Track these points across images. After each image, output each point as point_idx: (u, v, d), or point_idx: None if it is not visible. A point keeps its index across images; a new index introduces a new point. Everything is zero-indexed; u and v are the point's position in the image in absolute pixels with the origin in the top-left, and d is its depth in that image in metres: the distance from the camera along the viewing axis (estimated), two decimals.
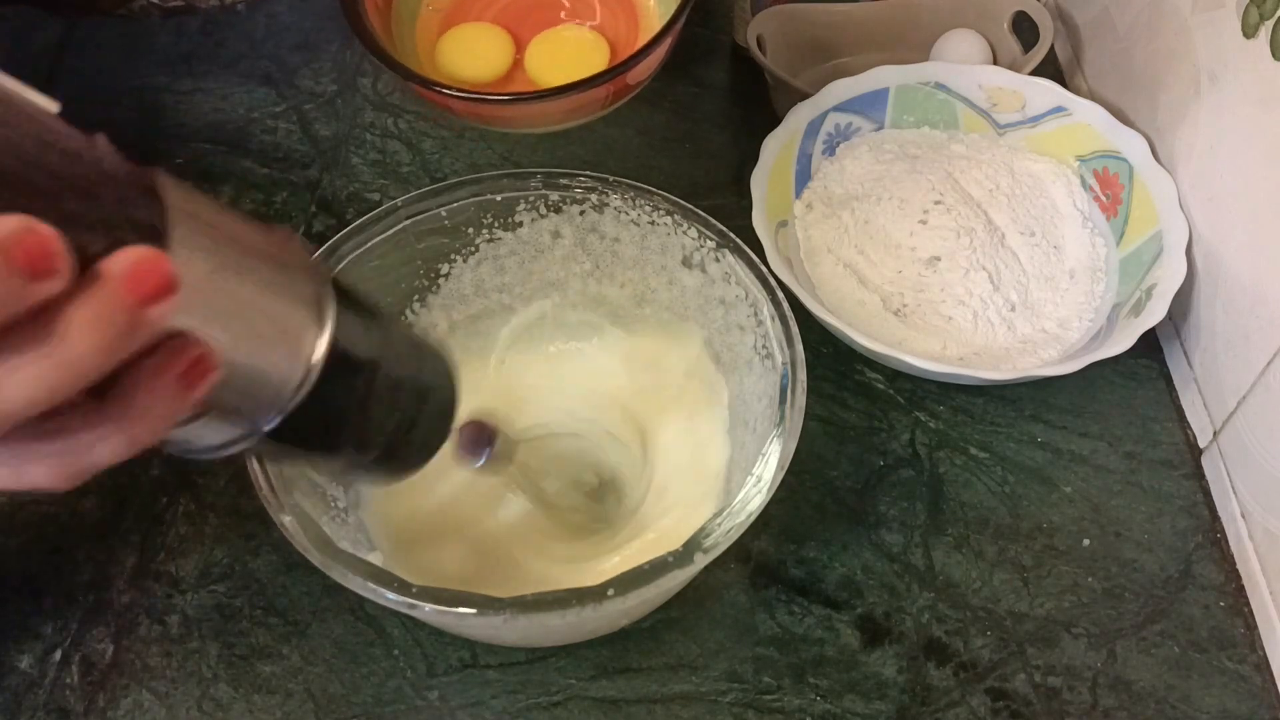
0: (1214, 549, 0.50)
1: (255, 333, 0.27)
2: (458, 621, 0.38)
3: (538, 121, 0.58)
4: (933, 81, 0.62)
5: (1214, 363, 0.53)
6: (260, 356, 0.27)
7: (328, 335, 0.29)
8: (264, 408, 0.28)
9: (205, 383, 0.25)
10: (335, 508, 0.44)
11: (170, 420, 0.25)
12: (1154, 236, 0.55)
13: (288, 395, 0.28)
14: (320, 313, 0.29)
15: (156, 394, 0.24)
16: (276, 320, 0.28)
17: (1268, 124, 0.49)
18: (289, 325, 0.28)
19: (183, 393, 0.24)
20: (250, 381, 0.27)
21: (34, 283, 0.21)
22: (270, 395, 0.28)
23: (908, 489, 0.52)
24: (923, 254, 0.56)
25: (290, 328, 0.28)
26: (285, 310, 0.28)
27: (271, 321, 0.28)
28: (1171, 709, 0.46)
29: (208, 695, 0.46)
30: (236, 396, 0.27)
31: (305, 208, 0.64)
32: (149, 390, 0.24)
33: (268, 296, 0.27)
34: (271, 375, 0.28)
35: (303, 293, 0.29)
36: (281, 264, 0.28)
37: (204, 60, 0.72)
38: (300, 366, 0.28)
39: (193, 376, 0.24)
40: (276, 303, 0.28)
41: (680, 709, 0.45)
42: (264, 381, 0.28)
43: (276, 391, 0.28)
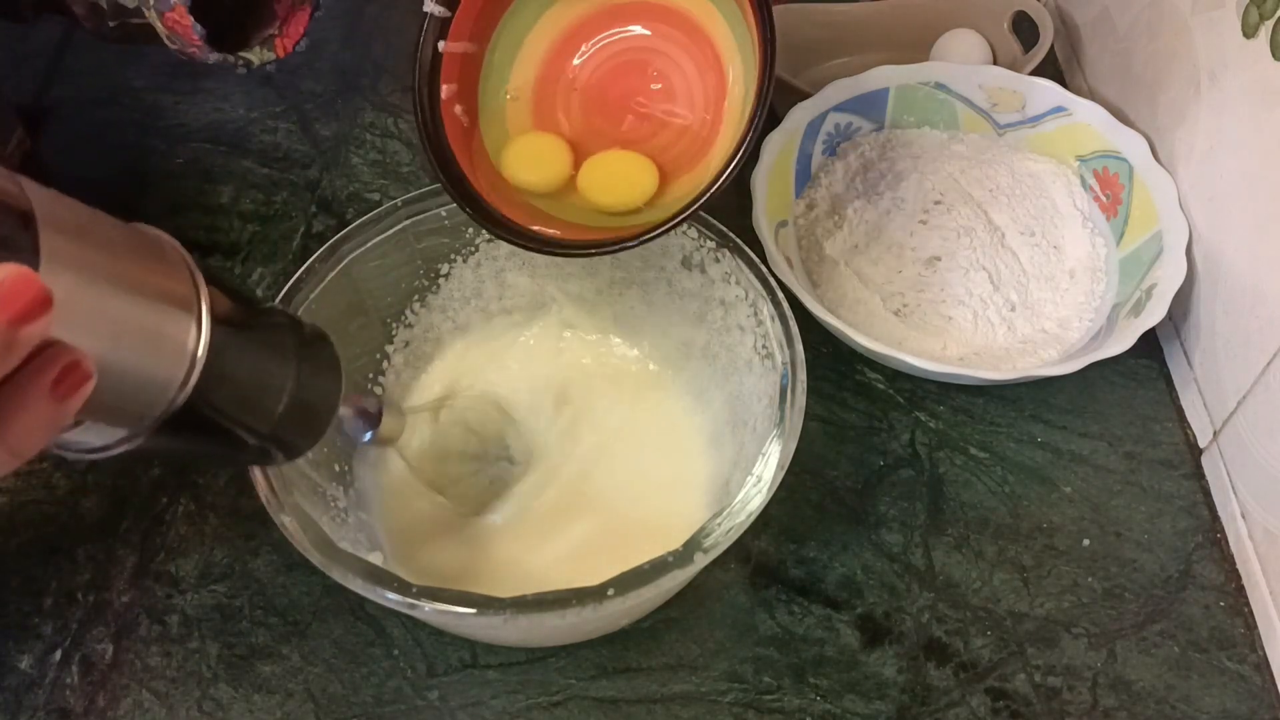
0: (1214, 549, 0.50)
1: (132, 338, 0.27)
2: (458, 621, 0.38)
3: None
4: (933, 81, 0.62)
5: (1214, 363, 0.53)
6: (137, 360, 0.27)
7: (205, 334, 0.29)
8: (145, 408, 0.28)
9: (80, 394, 0.25)
10: (335, 508, 0.44)
11: (49, 431, 0.25)
12: (1154, 236, 0.55)
13: (169, 396, 0.28)
14: (197, 312, 0.29)
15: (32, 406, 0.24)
16: (153, 324, 0.28)
17: (1268, 124, 0.49)
18: (165, 328, 0.28)
19: (59, 403, 0.24)
20: (130, 385, 0.27)
21: None
22: (152, 396, 0.28)
23: (908, 489, 0.52)
24: (923, 254, 0.56)
25: (167, 330, 0.28)
26: (160, 312, 0.28)
27: (148, 326, 0.27)
28: (1171, 709, 0.46)
29: (208, 695, 0.46)
30: (118, 400, 0.27)
31: (305, 208, 0.64)
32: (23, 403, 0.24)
33: (141, 300, 0.27)
34: (152, 378, 0.28)
35: (177, 292, 0.29)
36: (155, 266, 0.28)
37: None
38: (181, 367, 0.29)
39: (67, 387, 0.24)
40: (151, 306, 0.28)
41: (680, 709, 0.45)
42: (144, 384, 0.28)
43: (158, 392, 0.28)
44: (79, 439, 0.28)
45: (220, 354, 0.29)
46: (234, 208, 0.63)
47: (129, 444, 0.29)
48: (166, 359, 0.28)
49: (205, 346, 0.29)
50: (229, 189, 0.64)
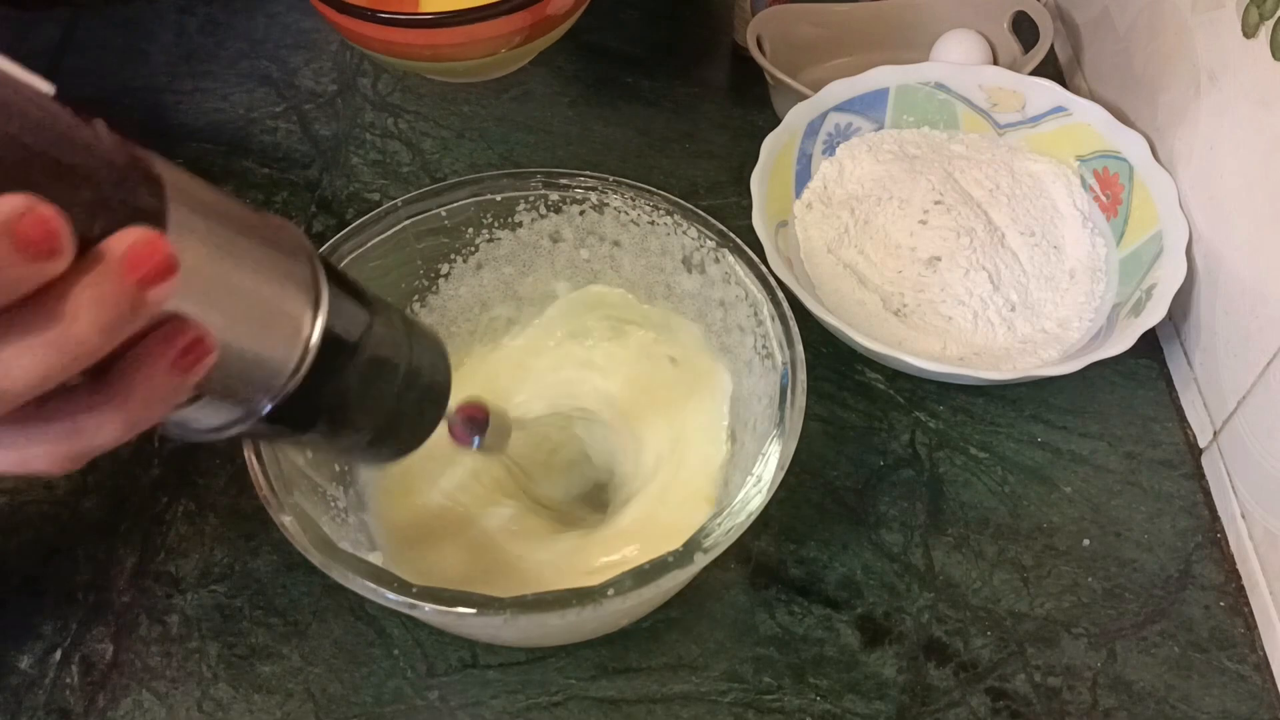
0: (1214, 549, 0.50)
1: (252, 316, 0.27)
2: (458, 621, 0.38)
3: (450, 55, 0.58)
4: (933, 81, 0.62)
5: (1214, 363, 0.53)
6: (257, 340, 0.27)
7: (323, 319, 0.29)
8: (260, 390, 0.28)
9: (202, 366, 0.25)
10: (335, 508, 0.44)
11: (169, 403, 0.25)
12: (1154, 236, 0.55)
13: (284, 378, 0.28)
14: (315, 296, 0.29)
15: (155, 377, 0.24)
16: (272, 304, 0.28)
17: (1268, 124, 0.49)
18: (285, 309, 0.28)
19: (180, 376, 0.24)
20: (247, 364, 0.27)
21: (36, 263, 0.21)
22: (267, 378, 0.28)
23: (908, 489, 0.52)
24: (923, 254, 0.56)
25: (286, 311, 0.28)
26: (281, 293, 0.28)
27: (267, 305, 0.28)
28: (1171, 709, 0.46)
29: (208, 695, 0.46)
30: (233, 379, 0.27)
31: (305, 208, 0.64)
32: (147, 373, 0.24)
33: (263, 280, 0.27)
34: (268, 358, 0.28)
35: (298, 276, 0.29)
36: (276, 247, 0.28)
37: (204, 60, 0.72)
38: (296, 350, 0.29)
39: (190, 360, 0.24)
40: (272, 286, 0.28)
41: (680, 709, 0.45)
42: (260, 364, 0.28)
43: (273, 374, 0.28)
44: (192, 418, 0.28)
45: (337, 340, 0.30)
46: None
47: (243, 425, 0.29)
48: (284, 341, 0.28)
49: (321, 330, 0.29)
50: (229, 189, 0.64)
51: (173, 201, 0.24)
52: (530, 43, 0.59)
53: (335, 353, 0.30)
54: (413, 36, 0.56)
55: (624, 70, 0.71)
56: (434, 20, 0.55)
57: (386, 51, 0.58)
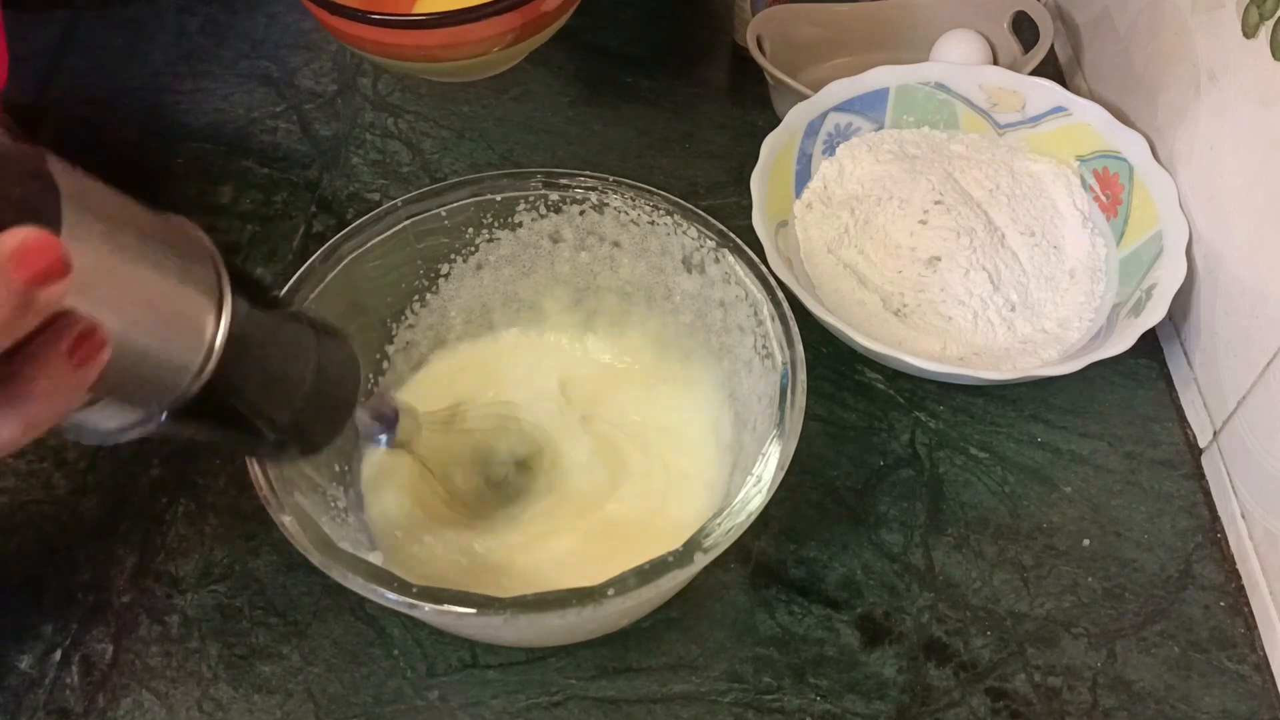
0: (1214, 549, 0.50)
1: (151, 318, 0.27)
2: (458, 621, 0.38)
3: (443, 55, 0.58)
4: (933, 81, 0.62)
5: (1214, 363, 0.53)
6: (157, 342, 0.27)
7: (225, 322, 0.29)
8: (163, 392, 0.28)
9: (97, 361, 0.25)
10: (335, 508, 0.44)
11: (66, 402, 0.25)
12: (1154, 237, 0.55)
13: (187, 380, 0.29)
14: (218, 299, 0.29)
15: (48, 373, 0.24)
16: (173, 306, 0.28)
17: (1268, 124, 0.49)
18: (186, 311, 0.28)
19: (75, 371, 0.24)
20: (147, 366, 0.27)
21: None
22: (168, 380, 0.28)
23: (908, 489, 0.52)
24: (923, 254, 0.56)
25: (187, 313, 0.28)
26: (182, 296, 0.28)
27: (168, 307, 0.28)
28: (1171, 709, 0.46)
29: (208, 695, 0.46)
30: (134, 381, 0.27)
31: (305, 208, 0.64)
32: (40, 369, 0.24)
33: (164, 282, 0.27)
34: (169, 360, 0.28)
35: (201, 279, 0.29)
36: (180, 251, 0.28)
37: (204, 60, 0.72)
38: (199, 352, 0.29)
39: (84, 354, 0.24)
40: (173, 288, 0.28)
41: (680, 709, 0.45)
42: (162, 366, 0.28)
43: (175, 377, 0.28)
44: (94, 420, 0.28)
45: (240, 342, 0.30)
46: (234, 208, 0.63)
47: (144, 427, 0.29)
48: (185, 342, 0.28)
49: (225, 332, 0.29)
50: (229, 189, 0.64)
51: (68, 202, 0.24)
52: (522, 42, 0.59)
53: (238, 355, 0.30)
54: (405, 37, 0.56)
55: (624, 70, 0.71)
56: (426, 21, 0.55)
57: (379, 53, 0.58)
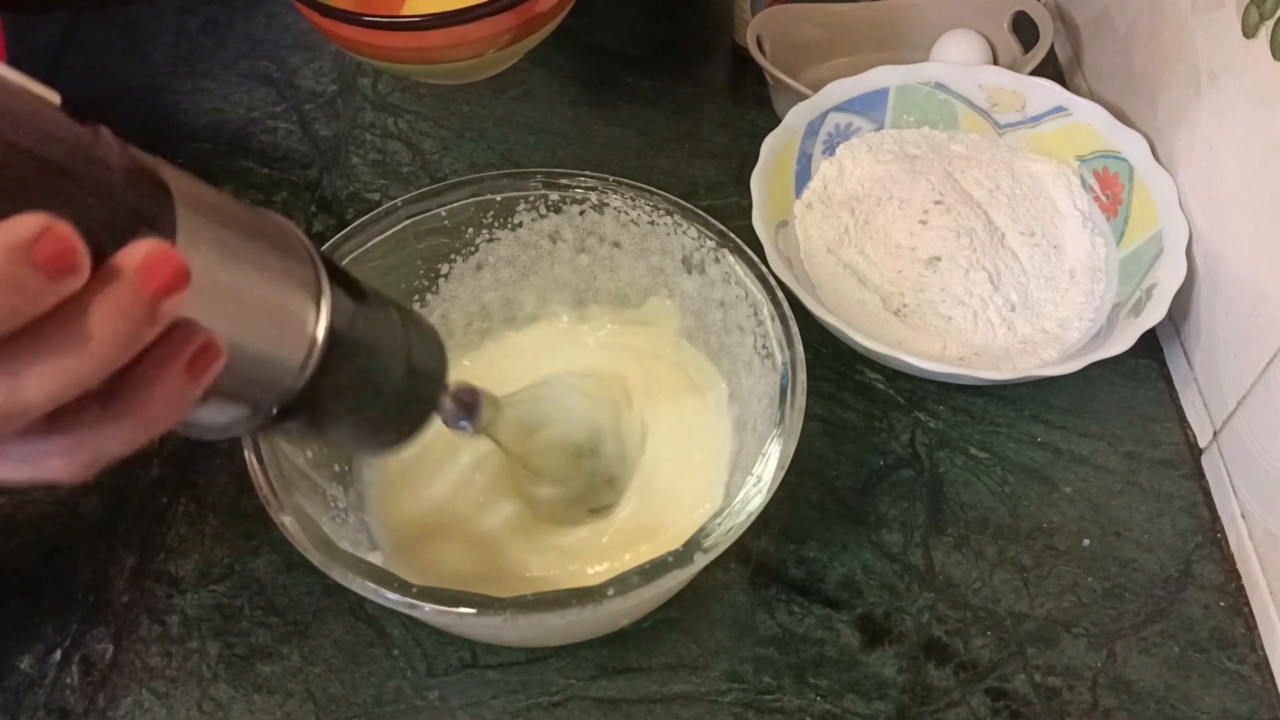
0: (1214, 549, 0.50)
1: (258, 318, 0.27)
2: (458, 621, 0.38)
3: (438, 57, 0.58)
4: (933, 81, 0.62)
5: (1214, 363, 0.53)
6: (264, 341, 0.28)
7: (325, 317, 0.29)
8: (268, 389, 0.29)
9: (211, 370, 0.25)
10: (335, 508, 0.44)
11: (181, 408, 0.25)
12: (1154, 236, 0.55)
13: (291, 376, 0.29)
14: (317, 294, 0.29)
15: (166, 384, 0.24)
16: (278, 304, 0.28)
17: (1268, 124, 0.49)
18: (290, 308, 0.29)
19: (191, 381, 0.25)
20: (254, 365, 0.28)
21: (54, 282, 0.21)
22: (274, 377, 0.29)
23: (908, 489, 0.52)
24: (923, 254, 0.56)
25: (291, 311, 0.29)
26: (285, 293, 0.28)
27: (273, 306, 0.28)
28: (1171, 709, 0.46)
29: (208, 695, 0.46)
30: (241, 380, 0.28)
31: (305, 208, 0.64)
32: (159, 379, 0.24)
33: (268, 281, 0.28)
34: (275, 358, 0.28)
35: (300, 275, 0.29)
36: (278, 247, 0.29)
37: (204, 60, 0.72)
38: (302, 348, 0.29)
39: (200, 365, 0.25)
40: (277, 287, 0.28)
41: (680, 709, 0.45)
42: (268, 364, 0.28)
43: (280, 373, 0.29)
44: (202, 417, 0.29)
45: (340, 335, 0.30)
46: None
47: (251, 424, 0.29)
48: (290, 339, 0.29)
49: (326, 327, 0.29)
50: (229, 189, 0.64)
51: (181, 208, 0.25)
52: (518, 42, 0.59)
53: (338, 350, 0.30)
54: (399, 39, 0.56)
55: (624, 70, 0.71)
56: (420, 23, 0.55)
57: (374, 55, 0.58)
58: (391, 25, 0.56)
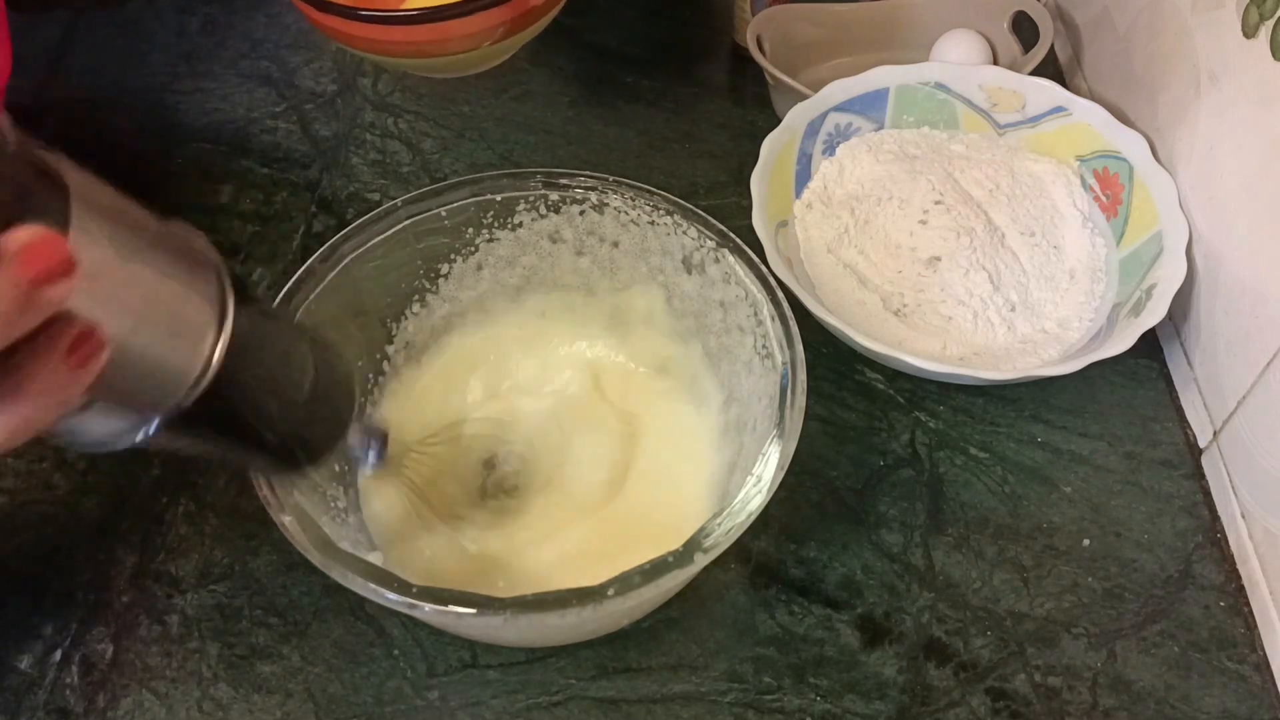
0: (1214, 549, 0.50)
1: (152, 323, 0.27)
2: (458, 621, 0.38)
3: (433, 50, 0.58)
4: (933, 81, 0.62)
5: (1214, 363, 0.53)
6: (156, 347, 0.27)
7: (227, 333, 0.29)
8: (158, 400, 0.28)
9: (95, 362, 0.25)
10: (335, 508, 0.44)
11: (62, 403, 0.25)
12: (1154, 236, 0.55)
13: (184, 389, 0.28)
14: (220, 310, 0.29)
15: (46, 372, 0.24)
16: (175, 313, 0.28)
17: (1268, 124, 0.49)
18: (188, 319, 0.28)
19: (73, 372, 0.24)
20: (145, 372, 0.27)
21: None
22: (165, 389, 0.28)
23: (908, 489, 0.52)
24: (923, 254, 0.56)
25: (189, 322, 0.28)
26: (185, 304, 0.28)
27: (170, 314, 0.28)
28: (1171, 709, 0.46)
29: (208, 695, 0.46)
30: (130, 386, 0.27)
31: (305, 208, 0.64)
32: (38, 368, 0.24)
33: (167, 289, 0.27)
34: (167, 367, 0.28)
35: (203, 288, 0.29)
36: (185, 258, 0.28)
37: (204, 60, 0.72)
38: (198, 361, 0.29)
39: (82, 354, 0.24)
40: (176, 296, 0.28)
41: (680, 709, 0.45)
42: (160, 373, 0.28)
43: (172, 385, 0.28)
44: (87, 425, 0.28)
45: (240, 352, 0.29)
46: (234, 208, 0.63)
47: (138, 435, 0.29)
48: (185, 349, 0.28)
49: (225, 342, 0.29)
50: (229, 189, 0.64)
51: (76, 203, 0.24)
52: (512, 36, 0.59)
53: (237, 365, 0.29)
54: (395, 33, 0.56)
55: (624, 70, 0.71)
56: (415, 16, 0.55)
57: (370, 49, 0.58)
58: (388, 19, 0.56)
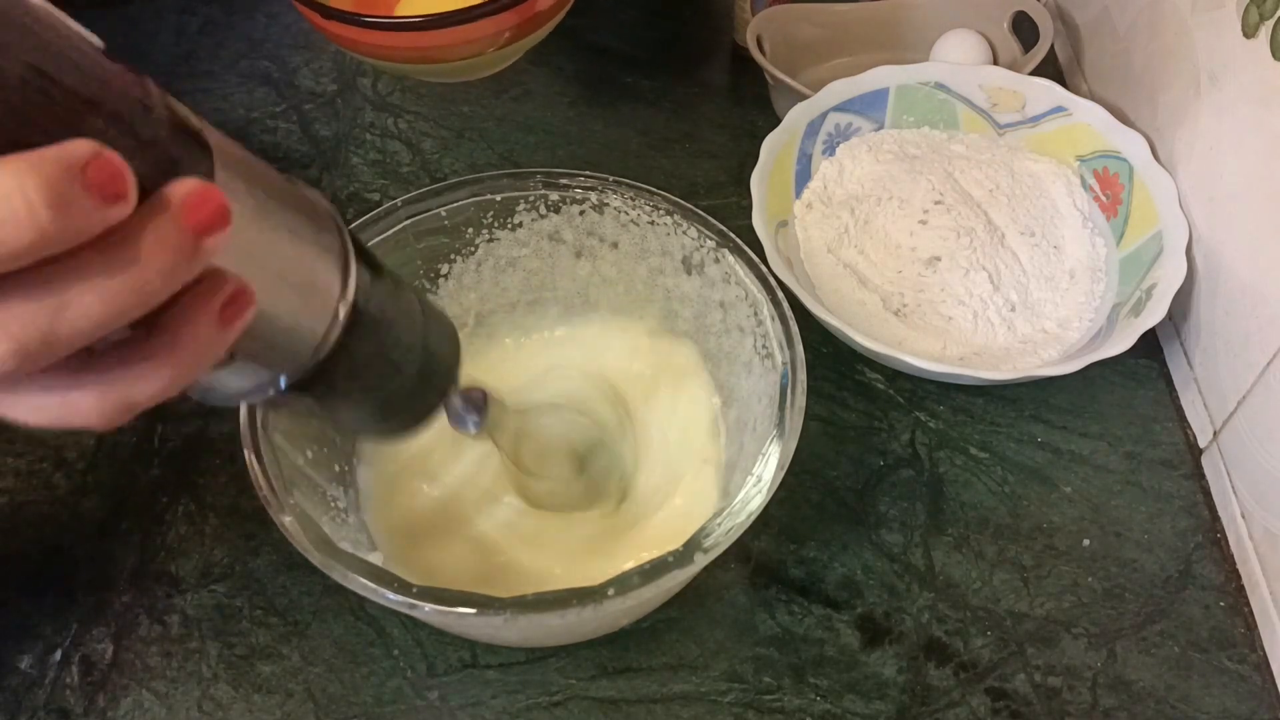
0: (1214, 549, 0.50)
1: (286, 283, 0.28)
2: (458, 621, 0.38)
3: (438, 56, 0.58)
4: (933, 81, 0.62)
5: (1214, 363, 0.53)
6: (291, 305, 0.28)
7: (352, 290, 0.30)
8: (290, 356, 0.29)
9: (244, 318, 0.25)
10: (335, 508, 0.44)
11: (210, 356, 0.25)
12: (1154, 236, 0.55)
13: (313, 346, 0.29)
14: (344, 268, 0.30)
15: (199, 327, 0.24)
16: (306, 269, 0.28)
17: (1268, 124, 0.49)
18: (317, 276, 0.29)
19: (223, 327, 0.25)
20: (278, 330, 0.28)
21: (103, 207, 0.21)
22: (297, 344, 0.29)
23: (908, 489, 0.52)
24: (923, 254, 0.56)
25: (317, 281, 0.29)
26: (314, 262, 0.29)
27: (302, 271, 0.28)
28: (1171, 709, 0.46)
29: (208, 695, 0.46)
30: (265, 343, 0.28)
31: None
32: (193, 323, 0.24)
33: (298, 247, 0.28)
34: (299, 324, 0.28)
35: (329, 247, 0.29)
36: (311, 219, 0.29)
37: (204, 60, 0.72)
38: (326, 319, 0.29)
39: (232, 310, 0.25)
40: (306, 254, 0.28)
41: (680, 709, 0.45)
42: (293, 330, 0.28)
43: (303, 341, 0.29)
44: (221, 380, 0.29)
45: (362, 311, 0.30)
46: None
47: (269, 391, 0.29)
48: (315, 308, 0.29)
49: (351, 301, 0.29)
50: None
51: (219, 163, 0.25)
52: (518, 41, 0.59)
53: (359, 325, 0.30)
54: (399, 39, 0.56)
55: (624, 70, 0.71)
56: (421, 23, 0.55)
57: (374, 55, 0.58)
58: (391, 25, 0.56)
